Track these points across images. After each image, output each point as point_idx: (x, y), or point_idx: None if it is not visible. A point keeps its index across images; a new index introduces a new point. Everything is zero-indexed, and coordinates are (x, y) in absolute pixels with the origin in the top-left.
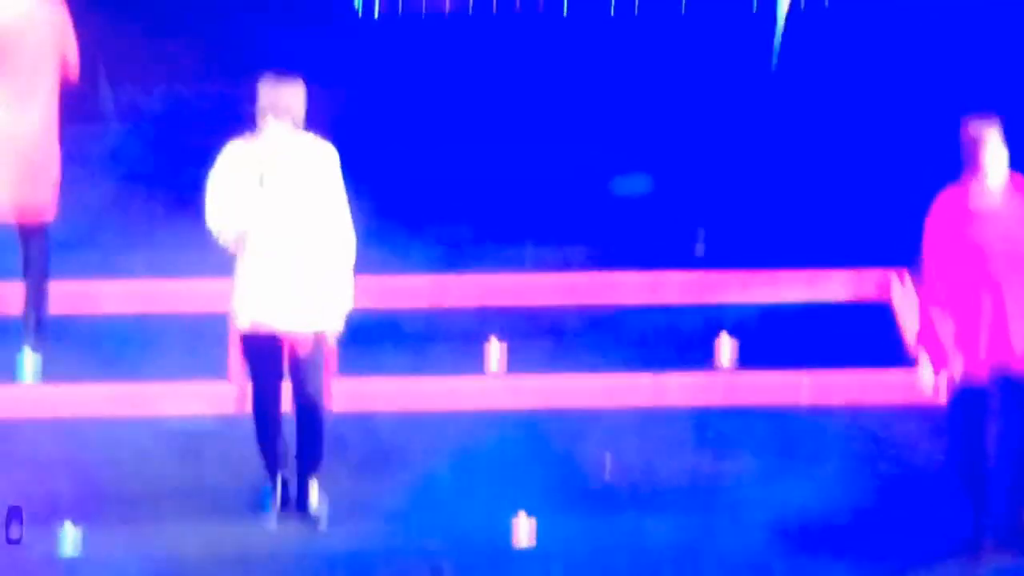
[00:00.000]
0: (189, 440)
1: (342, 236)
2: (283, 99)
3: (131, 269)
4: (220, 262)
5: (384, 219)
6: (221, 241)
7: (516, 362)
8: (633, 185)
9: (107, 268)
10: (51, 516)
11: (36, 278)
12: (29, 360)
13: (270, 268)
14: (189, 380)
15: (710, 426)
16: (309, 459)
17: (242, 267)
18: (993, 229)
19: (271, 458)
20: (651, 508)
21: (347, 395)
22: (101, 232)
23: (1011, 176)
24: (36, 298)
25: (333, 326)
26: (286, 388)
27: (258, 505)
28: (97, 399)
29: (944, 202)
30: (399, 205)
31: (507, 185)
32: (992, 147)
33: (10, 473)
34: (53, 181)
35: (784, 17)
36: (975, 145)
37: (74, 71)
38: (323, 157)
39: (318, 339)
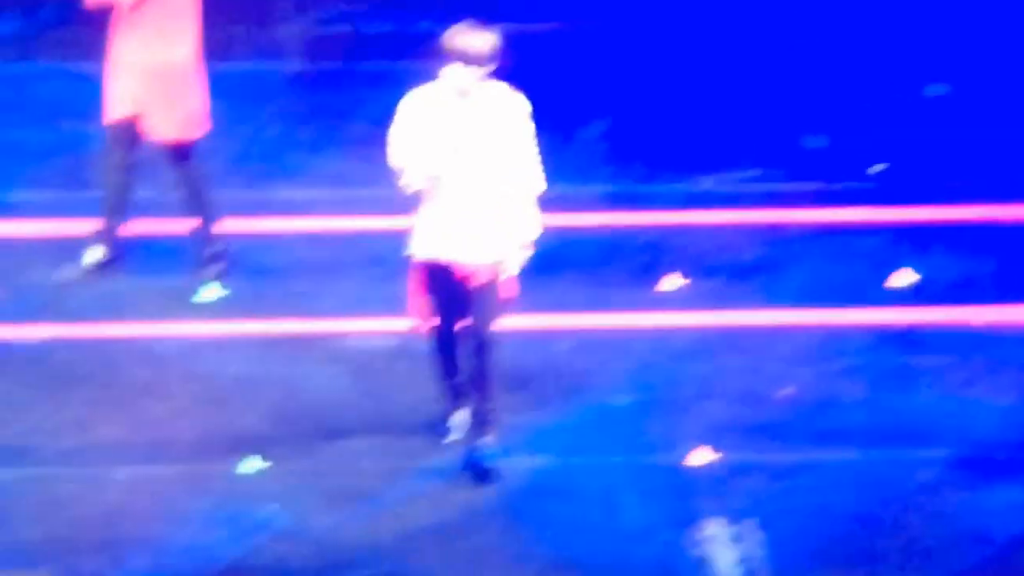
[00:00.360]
0: (367, 360)
1: (529, 179)
2: (476, 47)
3: (311, 204)
4: (395, 198)
5: (564, 153)
6: (405, 183)
7: (694, 295)
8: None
9: (290, 204)
10: (231, 439)
11: (194, 208)
12: (207, 291)
13: (453, 204)
14: (366, 314)
15: (889, 354)
16: (482, 388)
17: (424, 203)
18: None
19: (449, 390)
20: (829, 436)
21: (527, 325)
22: (284, 166)
23: None
24: (202, 229)
25: (514, 260)
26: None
27: (436, 432)
28: (275, 335)
29: None
30: (579, 138)
31: (684, 118)
32: None
33: (188, 398)
34: (199, 106)
35: None
36: None
37: None
38: (514, 106)
39: (496, 272)
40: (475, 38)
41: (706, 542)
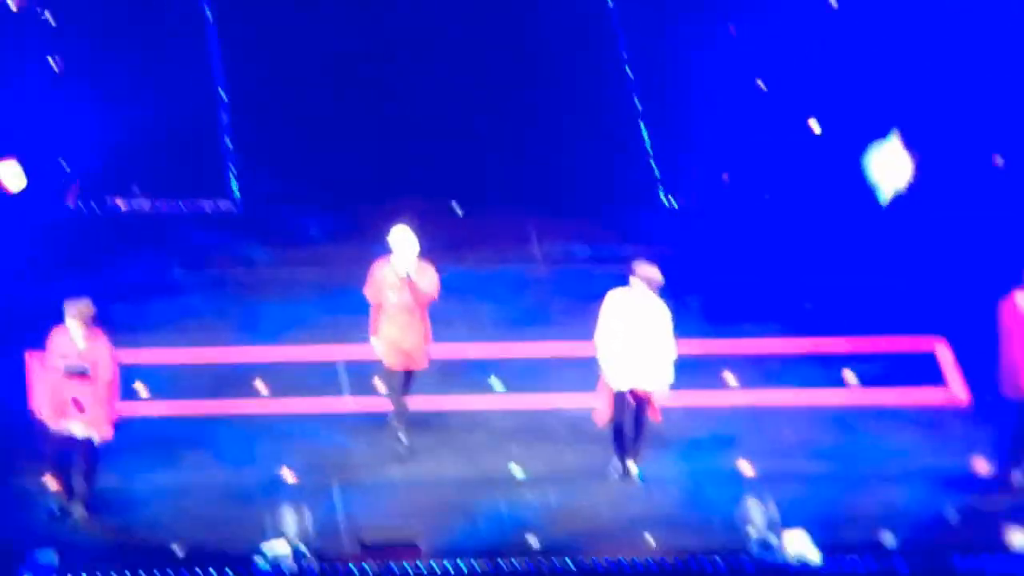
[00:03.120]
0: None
1: (671, 348)
2: (654, 276)
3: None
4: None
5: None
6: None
7: None
8: None
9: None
10: None
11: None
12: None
13: (631, 357)
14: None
15: None
16: (638, 438)
17: (613, 357)
18: None
19: (618, 450)
20: None
21: None
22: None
23: None
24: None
25: (662, 389)
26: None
27: (607, 471)
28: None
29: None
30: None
31: None
32: None
33: None
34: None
35: None
36: None
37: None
38: (663, 308)
39: (651, 392)
40: (654, 271)
41: None
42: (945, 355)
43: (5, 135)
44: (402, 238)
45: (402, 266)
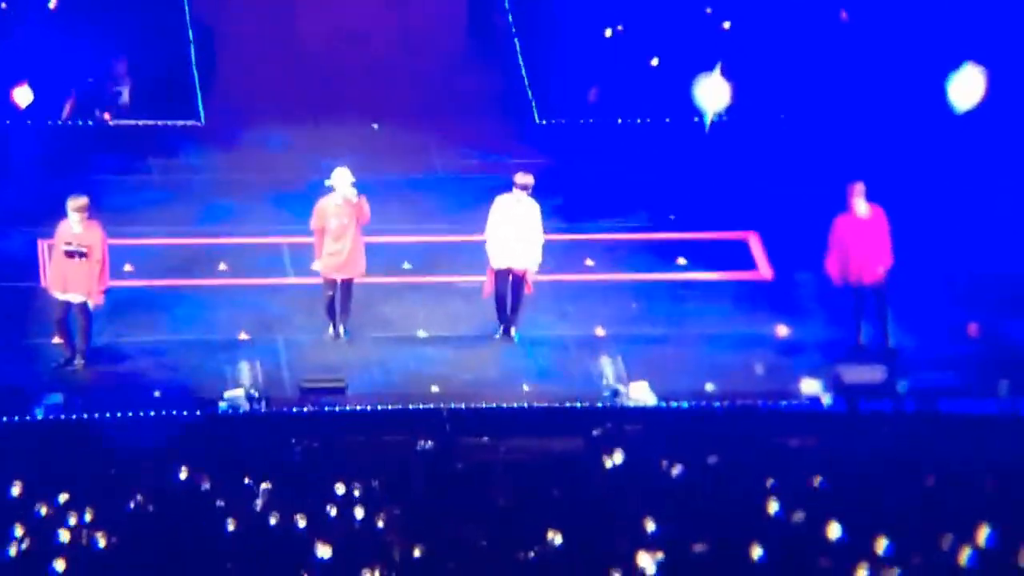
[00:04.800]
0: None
1: (538, 234)
2: (527, 182)
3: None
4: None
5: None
6: (489, 245)
7: None
8: None
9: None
10: None
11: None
12: None
13: (511, 243)
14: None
15: None
16: (515, 311)
17: (497, 244)
18: None
19: (500, 317)
20: None
21: None
22: None
23: None
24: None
25: (532, 267)
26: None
27: (491, 332)
28: None
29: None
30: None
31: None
32: None
33: None
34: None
35: None
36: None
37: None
38: (535, 206)
39: (525, 271)
40: (528, 178)
41: None
42: (755, 244)
43: (20, 63)
44: (345, 176)
45: (349, 194)
